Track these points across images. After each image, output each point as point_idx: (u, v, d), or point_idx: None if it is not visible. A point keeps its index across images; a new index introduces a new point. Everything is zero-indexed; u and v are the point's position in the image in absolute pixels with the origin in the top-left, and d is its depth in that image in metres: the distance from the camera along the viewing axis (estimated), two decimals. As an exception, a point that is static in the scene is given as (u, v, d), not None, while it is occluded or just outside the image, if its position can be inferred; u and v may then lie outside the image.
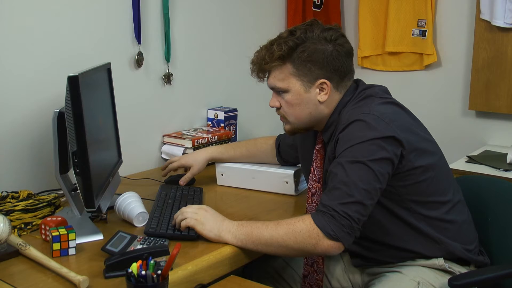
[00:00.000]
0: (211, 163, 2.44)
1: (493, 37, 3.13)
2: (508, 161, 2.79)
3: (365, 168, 1.63)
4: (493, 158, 2.90)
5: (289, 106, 1.82)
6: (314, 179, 1.90)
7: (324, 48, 1.77)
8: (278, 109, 1.87)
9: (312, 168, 1.91)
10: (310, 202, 1.93)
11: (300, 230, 1.63)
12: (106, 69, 2.07)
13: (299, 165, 2.24)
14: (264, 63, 1.80)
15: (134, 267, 1.31)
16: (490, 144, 3.25)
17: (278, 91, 1.82)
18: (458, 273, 1.79)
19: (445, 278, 1.75)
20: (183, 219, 1.75)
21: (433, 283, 1.76)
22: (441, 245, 1.78)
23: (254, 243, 1.68)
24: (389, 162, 1.66)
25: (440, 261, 1.79)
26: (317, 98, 1.80)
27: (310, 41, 1.77)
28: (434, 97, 3.42)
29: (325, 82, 1.79)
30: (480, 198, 1.99)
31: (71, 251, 1.65)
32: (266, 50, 1.81)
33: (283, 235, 1.64)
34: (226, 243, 1.72)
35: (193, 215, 1.75)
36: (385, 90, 1.87)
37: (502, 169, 2.72)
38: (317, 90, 1.80)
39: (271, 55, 1.78)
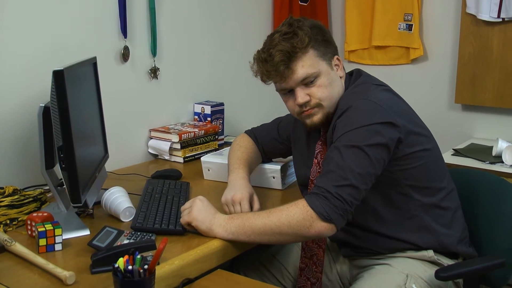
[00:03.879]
0: (198, 158, 2.45)
1: (479, 31, 3.14)
2: (494, 154, 2.81)
3: (361, 153, 1.64)
4: (479, 151, 2.92)
5: (323, 89, 1.78)
6: (319, 171, 1.88)
7: (323, 30, 1.82)
8: (304, 105, 1.79)
9: (315, 160, 1.90)
10: None
11: (293, 214, 1.63)
12: (92, 64, 2.06)
13: (285, 160, 2.24)
14: (297, 51, 1.73)
15: (120, 262, 1.31)
16: (476, 137, 3.27)
17: (307, 82, 1.77)
18: (446, 265, 1.80)
19: (434, 270, 1.76)
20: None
21: (421, 275, 1.77)
22: (433, 235, 1.79)
23: (247, 234, 1.68)
24: (386, 148, 1.67)
25: (429, 253, 1.80)
26: (338, 74, 1.84)
27: (311, 25, 1.80)
28: (421, 91, 3.43)
29: (338, 58, 1.85)
30: (466, 191, 2.01)
31: (58, 247, 1.64)
32: (287, 41, 1.74)
33: (276, 221, 1.65)
34: (215, 237, 1.72)
35: (188, 207, 1.76)
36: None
37: (488, 162, 2.74)
38: (335, 66, 1.84)
39: (302, 41, 1.74)
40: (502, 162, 2.72)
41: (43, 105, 1.78)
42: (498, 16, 3.03)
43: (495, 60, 3.12)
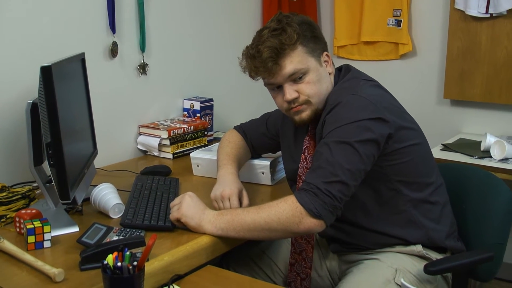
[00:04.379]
0: (187, 154, 2.45)
1: (467, 26, 3.15)
2: (482, 148, 2.82)
3: (351, 149, 1.64)
4: (468, 146, 2.94)
5: (312, 86, 1.78)
6: (306, 167, 1.89)
7: (312, 26, 1.83)
8: (292, 102, 1.80)
9: (303, 156, 1.91)
10: None
11: (283, 210, 1.63)
12: (80, 59, 2.05)
13: (275, 155, 2.25)
14: (285, 48, 1.73)
15: (109, 259, 1.31)
16: (464, 132, 3.29)
17: (295, 78, 1.77)
18: (434, 260, 1.81)
19: (422, 265, 1.77)
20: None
21: (410, 269, 1.78)
22: (422, 230, 1.80)
23: (236, 230, 1.69)
24: (375, 144, 1.67)
25: (418, 248, 1.81)
26: (327, 71, 1.84)
27: (300, 21, 1.80)
28: (410, 86, 3.44)
29: (327, 54, 1.85)
30: (455, 185, 2.02)
31: (46, 244, 1.64)
32: (275, 37, 1.74)
33: (266, 217, 1.65)
34: (204, 233, 1.72)
35: (177, 203, 1.76)
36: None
37: (476, 157, 2.76)
38: (324, 63, 1.84)
39: (290, 37, 1.74)
40: (490, 157, 2.73)
41: (31, 101, 1.77)
42: (486, 12, 3.04)
43: (484, 55, 3.14)
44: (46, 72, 1.60)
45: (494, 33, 3.08)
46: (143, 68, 2.69)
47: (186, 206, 1.73)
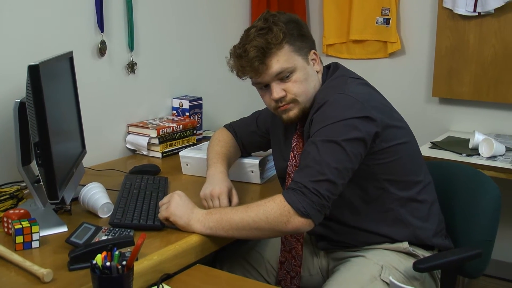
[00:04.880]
0: (176, 153, 2.44)
1: (456, 25, 3.17)
2: (470, 146, 2.84)
3: (338, 148, 1.64)
4: (456, 144, 2.95)
5: (299, 85, 1.78)
6: (295, 165, 1.89)
7: (299, 24, 1.82)
8: (279, 101, 1.80)
9: (292, 154, 1.91)
10: None
11: (271, 209, 1.63)
12: (68, 58, 2.04)
13: (264, 154, 2.25)
14: (271, 47, 1.74)
15: (98, 259, 1.30)
16: (453, 130, 3.30)
17: (282, 77, 1.77)
18: (422, 257, 1.82)
19: (409, 262, 1.78)
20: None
21: (396, 266, 1.79)
22: (409, 228, 1.81)
23: (225, 229, 1.68)
24: (362, 143, 1.68)
25: (404, 245, 1.82)
26: (314, 69, 1.84)
27: (287, 19, 1.80)
28: (398, 85, 3.45)
29: (314, 52, 1.84)
30: (443, 183, 2.03)
31: (35, 244, 1.63)
32: (262, 37, 1.75)
33: (254, 216, 1.65)
34: (193, 232, 1.71)
35: (166, 202, 1.76)
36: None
37: (465, 154, 2.77)
38: (312, 61, 1.84)
39: (276, 37, 1.74)
40: (479, 154, 2.75)
41: (19, 100, 1.76)
42: (474, 10, 3.05)
43: (472, 54, 3.15)
44: (34, 71, 1.59)
45: (482, 32, 3.10)
46: (131, 67, 2.68)
47: (175, 205, 1.73)
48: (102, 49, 2.52)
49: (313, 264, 1.98)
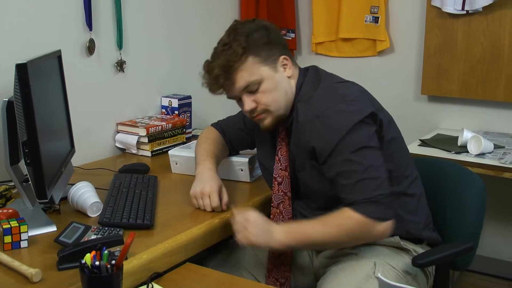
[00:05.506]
0: (166, 151, 2.44)
1: (444, 23, 3.18)
2: (459, 143, 2.85)
3: (369, 150, 1.70)
4: (445, 141, 2.96)
5: (268, 95, 1.80)
6: (281, 168, 1.90)
7: (268, 30, 1.83)
8: (252, 112, 1.83)
9: (277, 158, 1.91)
10: (277, 192, 1.92)
11: (351, 228, 1.67)
12: (57, 57, 2.03)
13: (253, 152, 2.24)
14: (232, 64, 1.76)
15: (87, 258, 1.30)
16: (442, 128, 3.32)
17: (251, 90, 1.79)
18: (412, 251, 1.85)
19: (401, 256, 1.81)
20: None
21: (389, 261, 1.80)
22: (400, 223, 1.80)
23: (306, 247, 1.74)
24: (375, 134, 1.74)
25: (396, 239, 1.83)
26: (285, 75, 1.84)
27: (253, 29, 1.81)
28: (387, 83, 3.46)
29: (285, 58, 1.84)
30: (430, 178, 2.05)
31: (23, 244, 1.62)
32: (223, 55, 1.78)
33: (335, 236, 1.68)
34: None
35: (240, 223, 1.72)
36: None
37: (454, 152, 2.78)
38: (281, 68, 1.83)
39: (235, 53, 1.76)
40: (467, 152, 2.76)
41: (7, 99, 1.75)
42: (463, 9, 3.06)
43: (460, 52, 3.16)
44: (22, 70, 1.58)
45: (470, 30, 3.11)
46: (120, 65, 2.68)
47: (254, 234, 1.69)
48: (90, 48, 2.51)
49: (305, 263, 1.98)
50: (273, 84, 1.80)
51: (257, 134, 2.06)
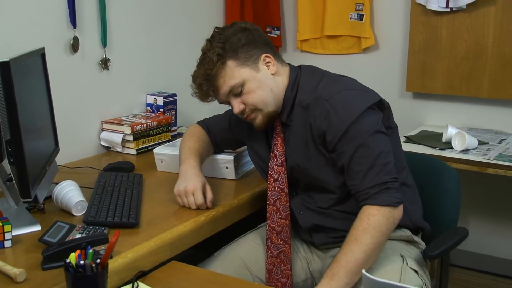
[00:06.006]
0: (151, 149, 2.43)
1: (428, 20, 3.19)
2: (444, 140, 2.87)
3: (378, 135, 1.74)
4: (430, 138, 2.98)
5: (253, 95, 1.82)
6: (277, 164, 1.90)
7: (247, 31, 1.85)
8: (242, 113, 1.86)
9: (272, 154, 1.91)
10: (273, 189, 1.91)
11: (378, 223, 1.65)
12: (40, 55, 2.01)
13: (239, 150, 2.24)
14: (210, 73, 1.80)
15: (72, 257, 1.29)
16: (426, 124, 3.34)
17: (236, 93, 1.82)
18: (418, 243, 1.91)
19: (412, 249, 1.87)
20: None
21: (410, 255, 1.84)
22: (405, 212, 1.80)
23: (358, 272, 1.63)
24: (381, 122, 1.79)
25: (407, 232, 1.88)
26: (269, 73, 1.85)
27: (231, 33, 1.84)
28: (372, 80, 3.42)
29: (267, 56, 1.85)
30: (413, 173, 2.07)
31: (7, 244, 1.61)
32: (203, 64, 1.83)
33: (371, 241, 1.64)
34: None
35: None
36: None
37: (438, 148, 2.80)
38: (264, 66, 1.85)
39: (211, 61, 1.80)
40: (452, 148, 2.78)
41: (-11, 98, 1.74)
42: (447, 6, 3.08)
43: (444, 49, 3.18)
44: (4, 68, 1.56)
45: (454, 27, 3.13)
46: (105, 63, 2.66)
47: None
48: (74, 45, 2.49)
49: (303, 268, 1.95)
50: (256, 83, 1.82)
51: (248, 134, 2.05)
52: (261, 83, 1.83)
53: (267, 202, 1.92)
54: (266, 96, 1.83)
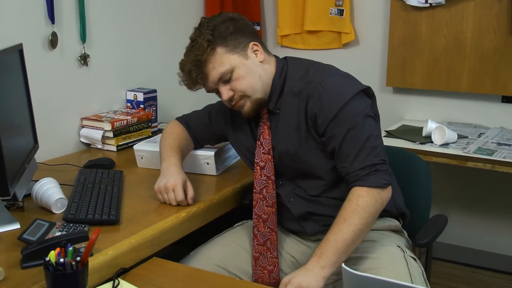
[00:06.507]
0: (131, 146, 2.42)
1: (408, 16, 3.21)
2: (424, 134, 2.89)
3: (368, 119, 1.78)
4: (410, 132, 3.00)
5: (242, 81, 1.83)
6: (263, 152, 1.91)
7: (234, 21, 1.87)
8: (231, 100, 1.86)
9: (258, 142, 1.92)
10: (260, 177, 1.92)
11: (367, 204, 1.69)
12: (18, 51, 1.99)
13: (220, 145, 2.24)
14: (200, 58, 1.81)
15: (52, 255, 1.28)
16: (406, 119, 3.36)
17: (225, 79, 1.83)
18: (405, 232, 1.97)
19: (401, 238, 1.92)
20: None
21: (403, 244, 1.87)
22: (391, 198, 1.83)
23: (346, 252, 1.67)
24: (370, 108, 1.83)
25: (395, 222, 1.93)
26: (257, 60, 1.87)
27: (219, 21, 1.85)
28: (353, 75, 3.46)
29: (255, 44, 1.88)
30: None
31: (-14, 242, 1.59)
32: (192, 51, 1.83)
33: (359, 221, 1.67)
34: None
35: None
36: None
37: (418, 142, 2.82)
38: (253, 54, 1.87)
39: (201, 47, 1.81)
40: (432, 142, 2.80)
41: (-34, 95, 1.72)
42: (426, 2, 3.10)
43: (424, 44, 3.20)
44: (-19, 65, 1.55)
45: (434, 22, 3.15)
46: (84, 59, 2.64)
47: (304, 282, 1.62)
48: (53, 41, 2.47)
49: (290, 256, 1.95)
50: (245, 70, 1.84)
51: (231, 127, 2.06)
52: (250, 69, 1.85)
53: (254, 191, 1.93)
54: (255, 82, 1.85)
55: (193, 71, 1.83)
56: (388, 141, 2.83)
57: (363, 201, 1.69)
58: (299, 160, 1.86)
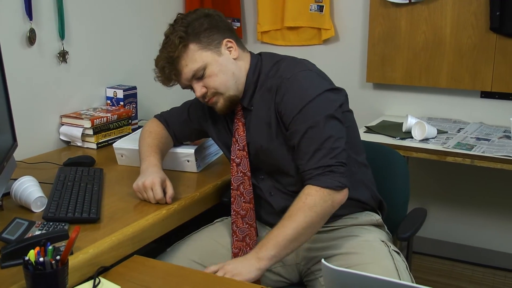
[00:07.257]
0: (111, 143, 2.41)
1: (388, 12, 3.22)
2: (404, 129, 2.91)
3: (333, 120, 1.76)
4: (390, 128, 3.02)
5: (215, 78, 1.84)
6: (238, 148, 1.92)
7: (209, 17, 1.88)
8: (204, 97, 1.87)
9: (234, 139, 1.93)
10: (236, 173, 1.92)
11: (314, 203, 1.68)
12: (-5, 48, 1.97)
13: (200, 141, 2.24)
14: (172, 55, 1.82)
15: (31, 254, 1.27)
16: (387, 114, 3.38)
17: (198, 76, 1.84)
18: (384, 226, 1.96)
19: (382, 233, 1.92)
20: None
21: (385, 239, 1.88)
22: (368, 189, 1.89)
23: (287, 247, 1.67)
24: (340, 108, 1.81)
25: (376, 217, 1.94)
26: (231, 57, 1.88)
27: (194, 18, 1.86)
28: (333, 71, 3.43)
29: (229, 41, 1.88)
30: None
31: (-36, 241, 1.58)
32: (165, 48, 1.85)
33: (304, 219, 1.67)
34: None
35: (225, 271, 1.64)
36: None
37: (398, 138, 2.84)
38: (226, 50, 1.87)
39: (173, 44, 1.81)
40: (412, 137, 2.82)
41: None
42: (406, -2, 3.13)
43: (403, 40, 3.22)
44: (-42, 62, 1.53)
45: (413, 19, 3.17)
46: (63, 56, 2.62)
47: (236, 270, 1.62)
48: (31, 38, 2.44)
49: (287, 260, 1.91)
50: (218, 67, 1.84)
51: (210, 122, 2.06)
52: (223, 66, 1.85)
53: (231, 187, 1.93)
54: (228, 79, 1.85)
55: (166, 67, 1.84)
56: (368, 137, 2.86)
57: (310, 200, 1.68)
58: (271, 156, 1.87)
